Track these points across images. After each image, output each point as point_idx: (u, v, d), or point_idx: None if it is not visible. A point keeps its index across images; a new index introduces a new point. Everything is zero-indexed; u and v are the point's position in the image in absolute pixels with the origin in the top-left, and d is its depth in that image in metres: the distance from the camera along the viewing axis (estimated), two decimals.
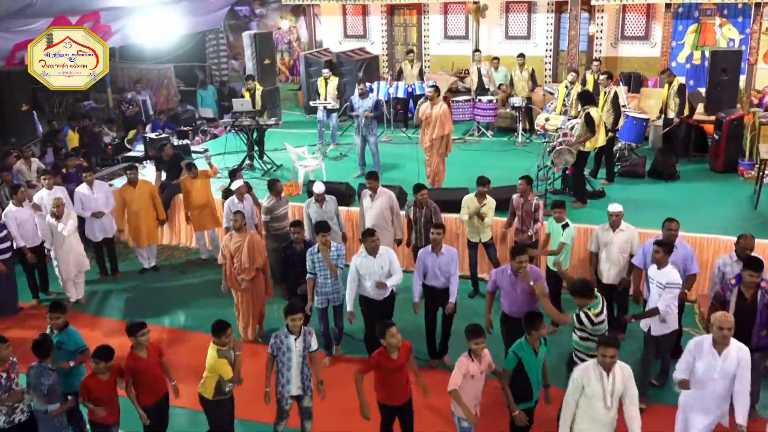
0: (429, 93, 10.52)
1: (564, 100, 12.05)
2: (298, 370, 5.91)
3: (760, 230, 8.40)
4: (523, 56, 13.67)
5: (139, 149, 13.52)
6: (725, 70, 11.79)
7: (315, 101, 13.64)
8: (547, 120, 11.34)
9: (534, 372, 5.55)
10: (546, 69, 16.58)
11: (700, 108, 12.26)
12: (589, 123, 9.75)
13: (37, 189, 9.88)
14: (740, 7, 14.06)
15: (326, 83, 13.35)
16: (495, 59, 14.78)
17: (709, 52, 12.86)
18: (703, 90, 12.81)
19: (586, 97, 10.19)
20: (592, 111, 9.83)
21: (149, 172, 11.60)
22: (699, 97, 12.78)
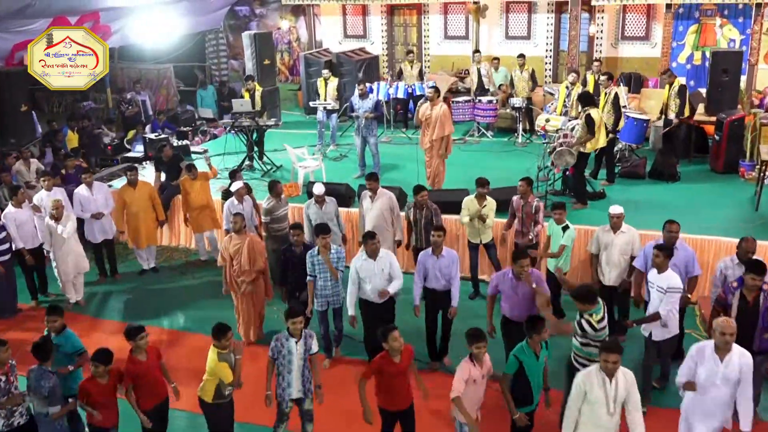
0: (429, 94, 10.49)
1: (564, 101, 12.01)
2: (299, 373, 5.89)
3: (761, 232, 8.38)
4: (524, 56, 13.64)
5: (139, 150, 13.50)
6: (726, 71, 11.75)
7: (315, 102, 13.63)
8: (548, 121, 11.31)
9: (535, 376, 5.53)
10: (546, 69, 16.55)
11: (701, 109, 12.23)
12: (590, 124, 9.73)
13: (37, 190, 9.86)
14: (741, 8, 14.04)
15: (326, 84, 13.34)
16: (495, 59, 14.75)
17: (710, 53, 12.85)
18: (704, 91, 12.78)
19: (587, 99, 10.17)
20: (593, 112, 9.81)
21: (149, 173, 11.57)
22: (699, 98, 12.75)
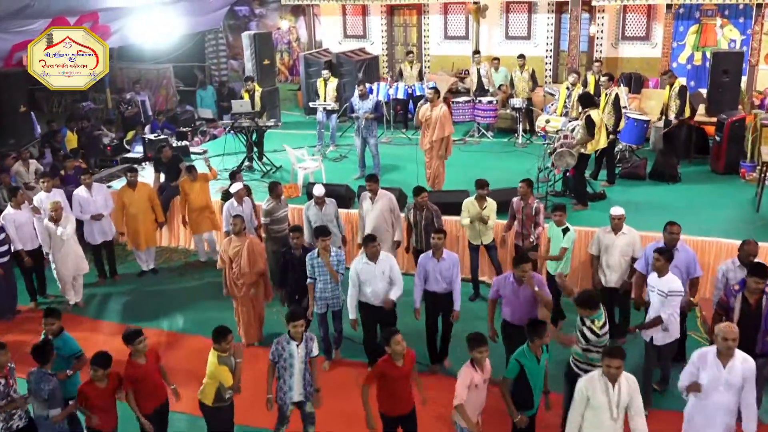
0: (429, 95, 10.46)
1: (565, 102, 11.99)
2: (301, 376, 5.87)
3: (762, 233, 8.37)
4: (524, 57, 13.62)
5: (138, 150, 13.48)
6: (726, 72, 11.73)
7: (314, 102, 13.61)
8: (548, 122, 11.29)
9: (536, 379, 5.50)
10: (546, 70, 16.54)
11: (701, 109, 12.22)
12: (590, 126, 9.70)
13: (36, 191, 9.83)
14: (741, 8, 14.04)
15: (326, 84, 13.31)
16: (495, 60, 14.73)
17: (711, 53, 12.83)
18: (704, 91, 12.76)
19: (587, 100, 10.15)
20: (593, 113, 9.78)
21: (148, 174, 11.54)
22: (700, 99, 12.73)
